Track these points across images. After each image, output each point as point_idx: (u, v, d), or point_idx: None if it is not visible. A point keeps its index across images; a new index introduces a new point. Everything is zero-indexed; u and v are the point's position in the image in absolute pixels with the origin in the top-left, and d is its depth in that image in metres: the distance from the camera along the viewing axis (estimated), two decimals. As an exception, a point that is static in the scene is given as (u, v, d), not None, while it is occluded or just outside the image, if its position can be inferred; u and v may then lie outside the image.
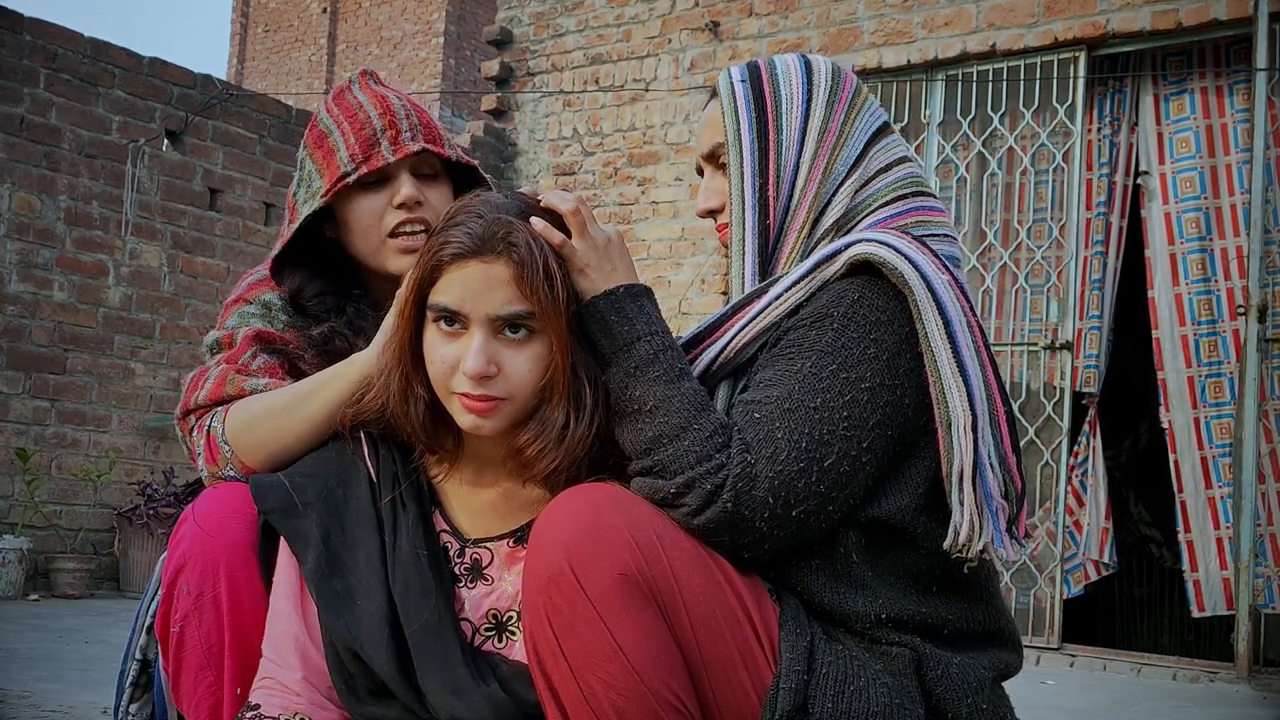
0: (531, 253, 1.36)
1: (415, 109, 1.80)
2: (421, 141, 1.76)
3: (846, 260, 1.41)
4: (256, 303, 1.78)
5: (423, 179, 1.78)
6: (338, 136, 1.76)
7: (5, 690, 3.22)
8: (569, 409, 1.40)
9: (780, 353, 1.40)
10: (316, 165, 1.78)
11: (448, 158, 1.80)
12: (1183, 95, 5.78)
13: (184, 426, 1.68)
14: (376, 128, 1.75)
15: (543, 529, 1.31)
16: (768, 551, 1.34)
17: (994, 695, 1.40)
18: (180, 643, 1.51)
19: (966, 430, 1.36)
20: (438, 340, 1.41)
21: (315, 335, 1.72)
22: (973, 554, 1.37)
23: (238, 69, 20.11)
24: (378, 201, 1.75)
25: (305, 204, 1.77)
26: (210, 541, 1.51)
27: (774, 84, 1.54)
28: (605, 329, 1.41)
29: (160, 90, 6.43)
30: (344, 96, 1.81)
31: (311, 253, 1.80)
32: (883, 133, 1.56)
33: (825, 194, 1.50)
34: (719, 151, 1.56)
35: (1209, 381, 5.61)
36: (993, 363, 1.42)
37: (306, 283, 1.77)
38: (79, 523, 6.09)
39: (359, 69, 1.88)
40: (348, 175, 1.73)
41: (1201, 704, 4.57)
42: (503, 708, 1.38)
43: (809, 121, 1.52)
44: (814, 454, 1.32)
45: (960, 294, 1.41)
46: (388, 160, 1.74)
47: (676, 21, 7.27)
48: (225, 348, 1.73)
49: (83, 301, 6.12)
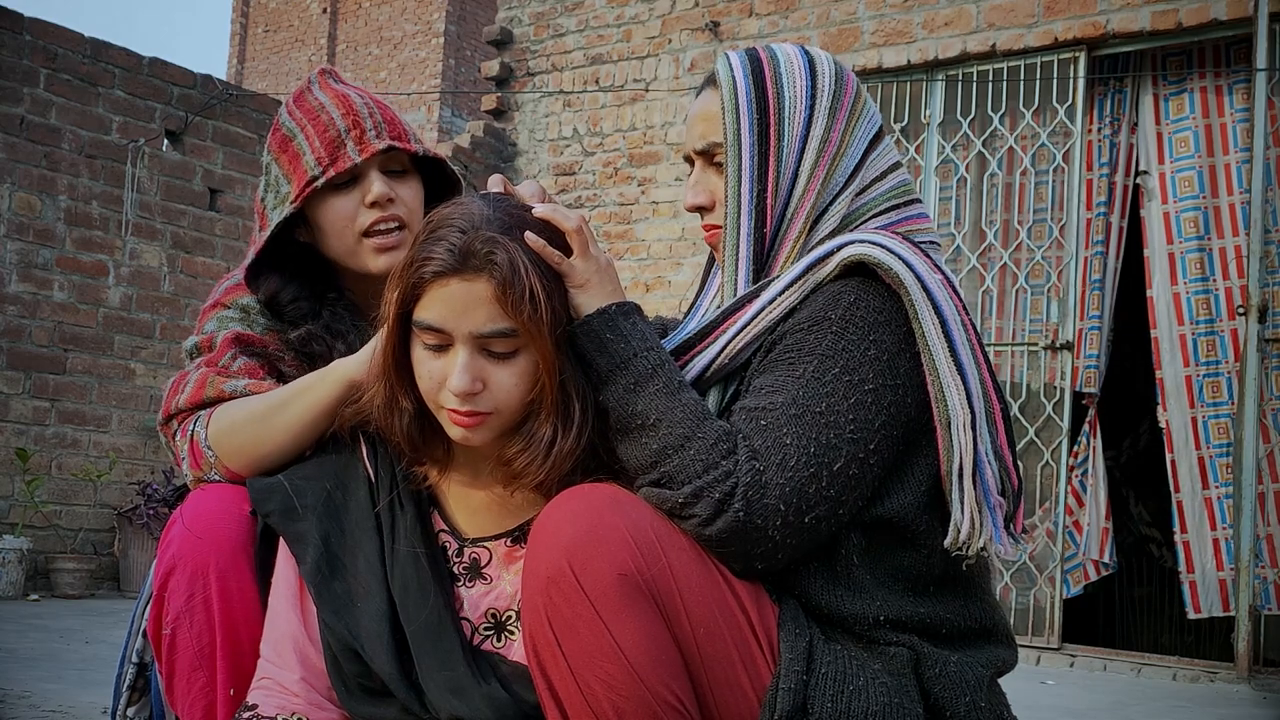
0: (514, 270, 1.35)
1: (378, 106, 1.79)
2: (387, 139, 1.75)
3: (840, 262, 1.41)
4: (234, 307, 1.77)
5: (392, 175, 1.77)
6: (302, 140, 1.75)
7: (5, 690, 3.23)
8: (556, 424, 1.40)
9: (779, 357, 1.39)
10: (283, 170, 1.76)
11: (415, 153, 1.78)
12: (1182, 95, 5.78)
13: (167, 432, 1.69)
14: (340, 128, 1.73)
15: (542, 529, 1.31)
16: (782, 560, 1.33)
17: (991, 693, 1.40)
18: (172, 645, 1.52)
19: (965, 428, 1.37)
20: (425, 356, 1.41)
21: (293, 338, 1.72)
22: (973, 552, 1.37)
23: (238, 69, 20.11)
24: (349, 202, 1.74)
25: (275, 210, 1.76)
26: (199, 543, 1.51)
27: (778, 84, 1.50)
28: (601, 347, 1.40)
29: (160, 90, 6.43)
30: (305, 98, 1.79)
31: (286, 256, 1.78)
32: (878, 139, 1.54)
33: (823, 203, 1.49)
34: (715, 150, 1.53)
35: (1206, 381, 5.61)
36: (987, 360, 1.42)
37: (281, 288, 1.76)
38: (79, 523, 6.10)
39: (317, 69, 1.86)
40: (316, 179, 1.72)
41: (1201, 704, 4.57)
42: (503, 707, 1.38)
43: (811, 129, 1.49)
44: (823, 458, 1.32)
45: (953, 292, 1.42)
46: (355, 161, 1.72)
47: (676, 21, 7.27)
48: (205, 351, 1.72)
49: (83, 301, 6.12)
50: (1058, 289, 5.88)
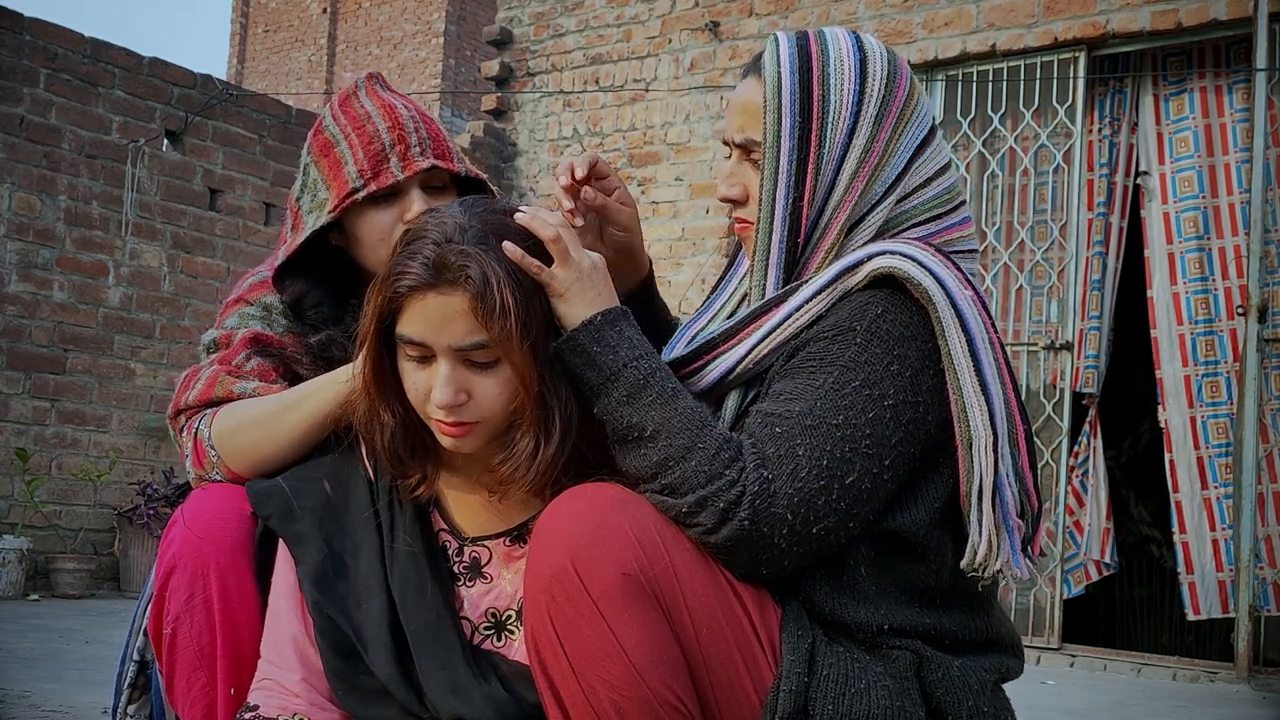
0: (487, 283, 1.33)
1: (424, 120, 1.77)
2: (431, 157, 1.73)
3: (869, 272, 1.38)
4: (258, 304, 1.77)
5: (431, 191, 1.75)
6: (345, 148, 1.73)
7: (5, 690, 3.23)
8: (537, 435, 1.39)
9: (800, 365, 1.37)
10: (323, 175, 1.75)
11: (457, 173, 1.77)
12: (1182, 95, 5.78)
13: (175, 426, 1.69)
14: (385, 142, 1.72)
15: (545, 529, 1.31)
16: (788, 568, 1.32)
17: (995, 698, 1.40)
18: (173, 644, 1.52)
19: (988, 449, 1.35)
20: (410, 368, 1.41)
21: (313, 343, 1.71)
22: (989, 573, 1.36)
23: (238, 69, 20.11)
24: (387, 217, 1.72)
25: (310, 214, 1.75)
26: (200, 543, 1.51)
27: (825, 85, 1.44)
28: (589, 361, 1.38)
29: (160, 90, 6.43)
30: (350, 104, 1.77)
31: (315, 258, 1.78)
32: (927, 142, 1.48)
33: (859, 212, 1.45)
34: (752, 148, 1.48)
35: (1205, 381, 5.60)
36: (1013, 379, 1.40)
37: (307, 291, 1.76)
38: (79, 523, 6.09)
39: (364, 72, 1.84)
40: (357, 191, 1.71)
41: (1201, 704, 4.57)
42: (504, 707, 1.38)
43: (854, 138, 1.43)
44: (835, 472, 1.30)
45: (982, 309, 1.39)
46: (397, 178, 1.71)
47: (676, 21, 7.27)
48: (222, 347, 1.72)
49: (83, 301, 6.12)
50: (1058, 289, 5.88)
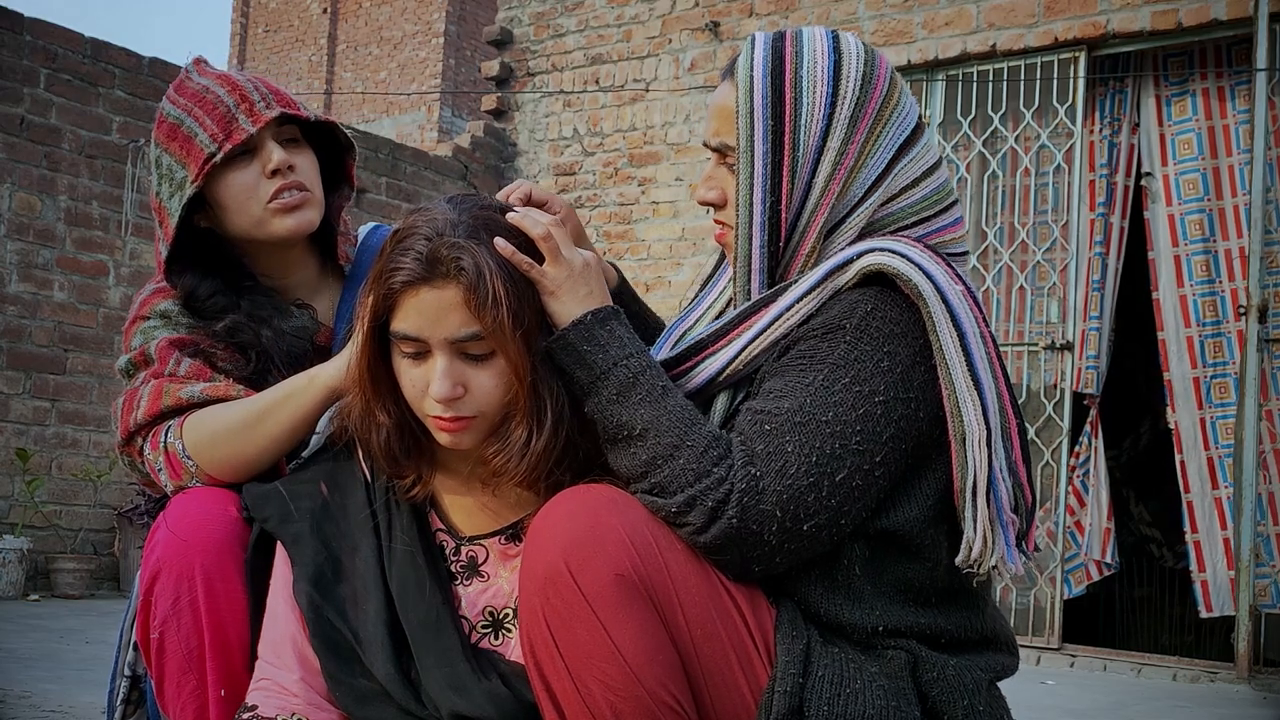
0: (480, 275, 1.35)
1: (261, 80, 1.80)
2: (277, 108, 1.75)
3: (859, 270, 1.38)
4: (154, 315, 1.76)
5: (286, 145, 1.77)
6: (191, 122, 1.74)
7: (5, 690, 3.22)
8: (530, 425, 1.40)
9: (790, 363, 1.37)
10: (175, 157, 1.74)
11: (306, 119, 1.79)
12: (1184, 97, 5.77)
13: (131, 451, 1.67)
14: (229, 104, 1.73)
15: (540, 529, 1.31)
16: (780, 566, 1.32)
17: (990, 697, 1.39)
18: (161, 649, 1.51)
19: (981, 445, 1.35)
20: (406, 365, 1.41)
21: (220, 330, 1.72)
22: (984, 570, 1.36)
23: (238, 69, 20.07)
24: (249, 174, 1.74)
25: (173, 198, 1.74)
26: (184, 546, 1.51)
27: (797, 88, 1.43)
28: (580, 360, 1.38)
29: (160, 90, 6.42)
30: (185, 86, 1.78)
31: (195, 253, 1.77)
32: (912, 141, 1.46)
33: (837, 216, 1.44)
34: (728, 152, 1.48)
35: (1214, 382, 5.61)
36: (1005, 374, 1.40)
37: (198, 284, 1.76)
38: (79, 523, 6.09)
39: (192, 58, 1.85)
40: (214, 155, 1.71)
41: (1201, 704, 4.57)
42: (504, 703, 1.38)
43: (828, 140, 1.42)
44: (825, 469, 1.30)
45: (973, 305, 1.39)
46: (250, 131, 1.72)
47: (676, 21, 7.27)
48: (142, 366, 1.71)
49: (83, 301, 6.12)
50: (1059, 289, 5.88)
